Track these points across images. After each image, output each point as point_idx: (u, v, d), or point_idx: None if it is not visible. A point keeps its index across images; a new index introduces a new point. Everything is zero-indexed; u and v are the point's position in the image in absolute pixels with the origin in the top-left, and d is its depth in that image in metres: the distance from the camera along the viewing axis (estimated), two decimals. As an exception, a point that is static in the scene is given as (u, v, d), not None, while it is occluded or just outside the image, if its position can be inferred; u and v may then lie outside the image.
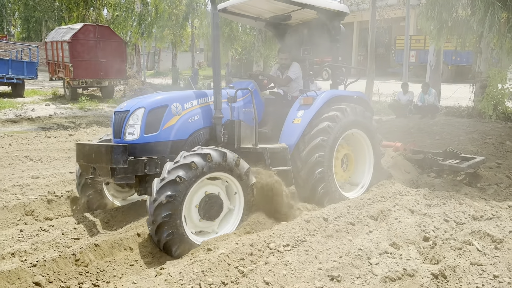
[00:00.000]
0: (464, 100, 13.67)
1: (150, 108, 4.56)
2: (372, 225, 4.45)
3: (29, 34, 53.73)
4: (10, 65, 19.44)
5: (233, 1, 5.73)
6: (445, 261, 3.51)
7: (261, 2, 5.56)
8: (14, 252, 3.74)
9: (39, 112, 15.05)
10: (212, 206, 4.25)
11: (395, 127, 11.69)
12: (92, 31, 18.78)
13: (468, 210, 4.91)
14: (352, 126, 5.59)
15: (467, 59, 23.36)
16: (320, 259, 3.67)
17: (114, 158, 4.18)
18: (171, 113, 4.65)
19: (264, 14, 6.15)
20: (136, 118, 4.52)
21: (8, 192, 5.57)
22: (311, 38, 6.25)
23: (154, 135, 4.54)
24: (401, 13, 26.68)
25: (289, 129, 5.37)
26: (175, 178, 3.89)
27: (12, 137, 9.96)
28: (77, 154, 4.80)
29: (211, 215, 4.27)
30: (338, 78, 6.15)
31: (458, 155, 6.89)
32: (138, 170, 4.40)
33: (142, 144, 4.49)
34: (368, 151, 5.90)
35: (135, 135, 4.49)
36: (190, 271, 3.36)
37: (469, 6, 11.49)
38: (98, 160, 4.39)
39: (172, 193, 3.86)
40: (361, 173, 5.95)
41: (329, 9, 5.70)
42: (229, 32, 19.47)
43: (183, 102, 4.80)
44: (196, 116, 4.85)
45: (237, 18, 6.41)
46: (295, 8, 5.71)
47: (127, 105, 4.75)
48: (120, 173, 4.27)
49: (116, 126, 4.67)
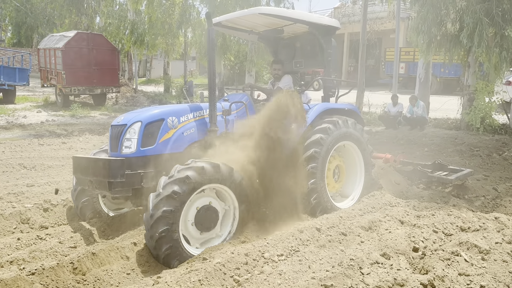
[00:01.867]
0: (453, 112, 13.94)
1: (147, 122, 4.67)
2: (363, 235, 4.56)
3: (20, 40, 53.40)
4: (2, 71, 19.36)
5: (227, 16, 5.88)
6: (434, 271, 3.63)
7: (255, 17, 5.69)
8: (13, 260, 3.79)
9: (30, 119, 15.01)
10: (207, 217, 4.33)
11: (385, 138, 11.89)
12: (85, 39, 18.83)
13: (456, 222, 5.05)
14: (344, 138, 5.70)
15: (456, 71, 23.80)
16: (313, 269, 3.76)
17: (112, 172, 4.28)
18: (167, 126, 4.76)
19: (258, 28, 6.30)
20: (133, 132, 4.62)
21: (3, 200, 5.60)
22: (303, 51, 6.40)
23: (150, 149, 4.64)
24: (391, 26, 27.15)
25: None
26: (170, 193, 3.97)
27: (5, 145, 9.95)
28: (73, 167, 4.86)
29: (209, 226, 4.36)
30: (329, 90, 6.28)
31: (447, 167, 7.03)
32: (135, 183, 4.50)
33: (139, 157, 4.58)
34: (359, 162, 6.03)
35: (132, 149, 4.58)
36: (187, 280, 3.44)
37: (458, 22, 11.81)
38: (95, 174, 4.46)
39: (168, 208, 3.93)
40: (352, 184, 6.06)
41: (320, 24, 5.85)
42: (222, 41, 19.60)
43: (179, 115, 4.91)
44: (191, 129, 4.97)
45: (231, 31, 6.57)
46: (287, 23, 5.86)
47: (124, 119, 4.84)
48: (117, 186, 4.36)
49: (113, 140, 4.75)
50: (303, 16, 5.75)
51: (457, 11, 11.70)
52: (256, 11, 5.38)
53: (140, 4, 24.09)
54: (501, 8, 10.54)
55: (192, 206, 4.25)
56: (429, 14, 11.24)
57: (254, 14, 5.48)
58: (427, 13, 11.31)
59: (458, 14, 11.72)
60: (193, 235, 4.30)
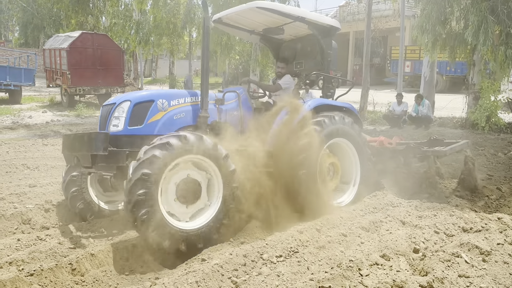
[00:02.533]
0: (458, 110, 13.83)
1: (136, 102, 4.71)
2: (364, 236, 4.53)
3: (27, 40, 53.77)
4: (8, 71, 19.51)
5: (226, 12, 5.90)
6: (433, 273, 3.60)
7: (254, 14, 5.68)
8: (12, 261, 3.80)
9: (36, 119, 15.10)
10: (191, 190, 4.32)
11: (389, 137, 11.81)
12: (90, 39, 18.92)
13: (458, 222, 5.00)
14: (338, 134, 5.57)
15: (462, 69, 23.62)
16: (312, 270, 3.74)
17: (95, 145, 4.30)
18: (156, 108, 4.79)
19: (258, 27, 6.28)
20: (121, 111, 4.68)
21: (5, 200, 5.63)
22: (303, 53, 6.38)
23: (138, 128, 4.68)
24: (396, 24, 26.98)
25: (274, 133, 5.41)
26: (150, 156, 3.97)
27: (10, 145, 10.02)
28: (62, 145, 4.96)
29: (187, 198, 4.32)
30: (328, 91, 6.21)
31: (443, 142, 6.92)
32: (120, 160, 4.50)
33: (126, 136, 4.61)
34: (355, 164, 5.85)
35: (119, 127, 4.64)
36: (184, 281, 3.43)
37: (463, 20, 11.72)
38: (80, 148, 4.53)
39: (147, 171, 3.91)
40: (347, 183, 5.90)
41: (320, 23, 5.80)
42: (227, 40, 19.60)
43: (170, 99, 4.93)
44: (182, 114, 4.97)
45: (233, 30, 6.55)
46: (287, 21, 5.82)
47: (114, 99, 4.93)
48: (100, 161, 4.38)
49: (102, 119, 4.84)
50: (301, 12, 5.70)
51: (462, 9, 11.61)
52: (254, 5, 5.35)
53: (145, 4, 24.20)
54: (506, 6, 10.44)
55: (183, 171, 4.27)
56: (434, 12, 11.16)
57: (252, 10, 5.45)
58: (431, 11, 11.24)
59: (462, 12, 11.64)
60: (179, 210, 4.28)
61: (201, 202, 4.44)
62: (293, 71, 6.56)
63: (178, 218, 4.30)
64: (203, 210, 4.46)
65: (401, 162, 6.71)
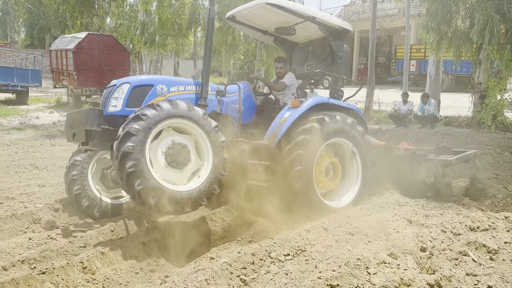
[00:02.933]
0: (464, 109, 13.80)
1: (135, 84, 4.79)
2: (371, 235, 4.56)
3: (32, 41, 54.14)
4: (15, 72, 19.65)
5: (238, 8, 5.92)
6: (441, 271, 3.62)
7: (265, 12, 5.66)
8: (24, 259, 3.86)
9: (43, 120, 15.21)
10: (179, 154, 4.38)
11: (395, 136, 11.82)
12: (96, 40, 19.03)
13: (465, 221, 5.02)
14: (339, 134, 5.44)
15: (467, 68, 23.53)
16: (319, 269, 3.77)
17: (89, 120, 4.43)
18: (155, 92, 4.84)
19: (271, 26, 6.28)
20: (120, 92, 4.76)
21: (15, 200, 5.70)
22: (314, 54, 6.37)
23: (135, 110, 4.60)
24: (402, 23, 26.94)
25: (274, 128, 5.38)
26: (128, 130, 4.07)
27: (18, 145, 10.11)
28: (65, 123, 5.11)
29: (178, 162, 4.38)
30: (336, 92, 6.10)
31: (451, 150, 6.71)
32: (114, 139, 4.49)
33: (123, 116, 4.62)
34: (357, 166, 5.71)
35: (117, 108, 4.72)
36: (194, 279, 3.47)
37: (468, 18, 11.70)
38: (77, 125, 4.64)
39: (129, 144, 4.01)
40: (348, 184, 5.76)
41: (331, 24, 5.72)
42: (232, 40, 19.65)
43: (170, 85, 4.97)
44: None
45: (246, 29, 6.55)
46: (298, 21, 5.80)
47: (115, 81, 5.00)
48: (95, 137, 4.49)
49: (103, 99, 4.93)
50: (312, 12, 5.62)
51: (467, 8, 11.59)
52: (263, 1, 5.32)
53: (150, 5, 24.27)
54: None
55: (167, 138, 4.37)
56: (439, 11, 11.15)
57: (262, 6, 5.44)
58: (436, 10, 11.23)
59: (468, 11, 11.62)
60: (174, 176, 4.34)
61: (194, 164, 4.51)
62: (302, 73, 6.54)
63: (176, 183, 4.37)
64: (198, 170, 4.53)
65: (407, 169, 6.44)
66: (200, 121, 4.45)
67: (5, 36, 59.48)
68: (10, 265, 3.76)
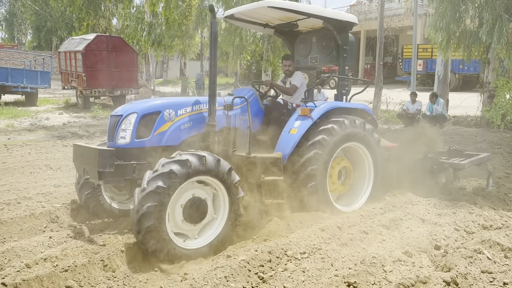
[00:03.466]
0: (472, 109, 13.79)
1: (142, 114, 4.70)
2: (384, 233, 4.61)
3: (39, 43, 54.56)
4: (25, 74, 19.86)
5: (238, 9, 5.82)
6: (456, 269, 3.67)
7: (266, 10, 5.52)
8: (46, 257, 3.94)
9: (53, 121, 15.36)
10: (197, 209, 4.31)
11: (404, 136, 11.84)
12: (105, 42, 19.18)
13: (478, 220, 5.07)
14: (350, 139, 5.48)
15: (475, 68, 23.47)
16: (336, 266, 3.83)
17: (101, 162, 4.35)
18: (163, 119, 4.77)
19: (272, 21, 6.16)
20: (128, 123, 4.67)
21: (33, 200, 5.80)
22: (318, 47, 6.20)
23: (145, 140, 4.67)
24: (409, 22, 26.91)
25: (285, 139, 5.33)
26: (168, 171, 3.98)
27: (31, 146, 10.24)
28: (73, 154, 5.01)
29: (195, 217, 4.31)
30: (343, 88, 6.05)
31: (463, 153, 6.70)
32: (127, 174, 4.55)
33: (133, 148, 4.61)
34: (369, 166, 5.77)
35: (127, 140, 4.63)
36: (213, 276, 3.55)
37: (477, 18, 11.70)
38: (88, 162, 4.56)
39: (162, 184, 3.94)
40: (360, 188, 5.82)
41: (335, 19, 5.64)
42: (239, 42, 19.73)
43: (177, 108, 4.89)
44: (189, 123, 4.94)
45: (245, 24, 6.42)
46: (301, 17, 5.70)
47: (122, 109, 4.90)
48: (107, 176, 4.44)
49: (111, 130, 4.82)
50: (314, 9, 5.57)
51: (476, 7, 11.59)
52: (265, 4, 5.24)
53: (157, 6, 24.40)
54: (522, 4, 10.41)
55: (189, 192, 4.26)
56: (448, 10, 11.16)
57: (264, 8, 5.35)
58: (445, 9, 11.23)
59: (477, 10, 11.62)
60: (176, 218, 4.25)
61: (209, 216, 4.45)
62: (306, 66, 6.46)
63: (187, 235, 4.35)
64: (212, 222, 4.48)
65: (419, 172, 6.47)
66: (224, 177, 4.36)
67: (12, 38, 59.98)
68: (33, 263, 3.84)
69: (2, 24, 59.82)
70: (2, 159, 8.83)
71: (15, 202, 5.68)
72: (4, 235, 4.80)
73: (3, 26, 59.98)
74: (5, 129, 13.24)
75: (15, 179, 7.31)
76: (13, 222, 5.03)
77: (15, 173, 7.71)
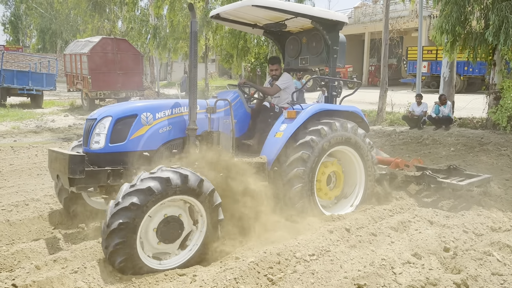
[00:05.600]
0: (478, 111, 13.74)
1: (117, 117, 4.51)
2: (393, 236, 4.60)
3: (44, 45, 54.90)
4: (30, 76, 19.98)
5: (222, 8, 5.68)
6: (466, 271, 3.66)
7: (253, 10, 5.33)
8: (56, 259, 3.96)
9: (58, 123, 15.43)
10: (172, 229, 4.01)
11: (409, 138, 11.83)
12: (110, 44, 19.29)
13: (487, 222, 5.05)
14: (339, 143, 5.30)
15: (480, 69, 23.38)
16: (345, 269, 3.83)
17: (71, 168, 4.16)
18: (140, 122, 4.57)
19: (260, 20, 5.97)
20: (102, 127, 4.47)
21: (41, 201, 5.82)
22: (308, 48, 6.03)
23: (120, 145, 4.48)
24: (413, 24, 26.86)
25: (270, 143, 5.13)
26: (146, 188, 3.72)
27: (37, 148, 10.29)
28: (48, 160, 4.82)
29: (170, 238, 4.02)
30: (334, 90, 5.85)
31: (462, 173, 6.37)
32: (101, 180, 4.35)
33: (107, 153, 4.43)
34: (359, 170, 5.60)
35: (101, 144, 4.43)
36: (223, 278, 3.55)
37: (483, 19, 11.66)
38: (60, 168, 4.39)
39: (125, 220, 3.64)
40: (350, 193, 5.68)
41: (324, 18, 5.46)
42: (243, 44, 19.76)
43: (155, 111, 4.69)
44: (168, 127, 4.75)
45: (233, 25, 6.22)
46: (289, 17, 5.52)
47: (97, 112, 4.71)
48: (79, 182, 4.24)
49: (85, 134, 4.63)
50: (301, 8, 5.40)
51: (482, 9, 11.56)
52: (249, 2, 5.05)
53: (161, 9, 24.47)
54: (528, 5, 10.37)
55: (160, 212, 3.93)
56: (453, 12, 11.12)
57: (248, 7, 5.16)
58: (451, 11, 11.19)
59: (483, 11, 11.58)
60: (151, 242, 3.95)
61: (187, 229, 4.14)
62: (296, 67, 6.30)
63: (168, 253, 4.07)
64: (191, 235, 4.19)
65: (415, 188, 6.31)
66: (206, 199, 4.05)
67: (17, 41, 60.34)
68: (43, 264, 3.85)
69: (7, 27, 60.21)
70: (9, 161, 8.88)
71: (23, 204, 5.71)
72: (13, 236, 4.83)
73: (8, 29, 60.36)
74: (11, 131, 13.32)
75: (23, 181, 7.36)
76: (22, 223, 5.07)
77: (23, 175, 7.76)
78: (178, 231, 4.05)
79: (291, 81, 5.95)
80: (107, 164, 4.43)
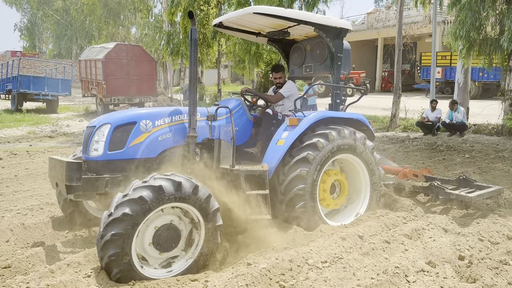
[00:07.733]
0: (493, 117, 13.56)
1: (116, 125, 4.49)
2: (407, 243, 4.54)
3: (60, 51, 55.83)
4: (46, 82, 20.31)
5: (226, 16, 5.64)
6: (482, 280, 3.60)
7: (255, 18, 5.27)
8: (69, 263, 3.99)
9: (73, 128, 15.63)
10: (169, 237, 3.97)
11: (423, 144, 11.72)
12: (125, 50, 19.54)
13: (502, 230, 4.96)
14: (341, 151, 5.16)
15: (495, 75, 23.12)
16: (358, 276, 3.79)
17: (68, 175, 4.14)
18: (139, 130, 4.54)
19: (263, 29, 5.94)
20: (101, 134, 4.45)
21: (55, 206, 5.89)
22: (312, 55, 5.99)
23: (119, 152, 4.45)
24: (427, 30, 26.70)
25: (272, 150, 5.04)
26: (137, 198, 3.69)
27: (53, 153, 10.42)
28: (48, 168, 4.81)
29: (167, 247, 3.99)
30: (338, 97, 5.74)
31: (473, 184, 6.14)
32: (99, 188, 4.32)
33: (106, 161, 4.41)
34: (364, 179, 5.47)
35: (99, 152, 4.41)
36: (234, 284, 3.54)
37: (498, 25, 11.54)
38: (58, 176, 4.38)
39: (118, 231, 3.61)
40: (355, 203, 5.56)
41: (327, 25, 5.39)
42: (256, 50, 19.81)
43: (154, 119, 4.66)
44: (168, 134, 4.71)
45: (237, 33, 6.20)
46: (291, 24, 5.45)
47: (96, 120, 4.72)
48: (76, 190, 4.22)
49: (85, 141, 4.62)
50: (303, 16, 5.31)
51: (497, 15, 11.44)
52: (250, 10, 5.04)
53: (175, 16, 24.69)
54: (544, 11, 10.24)
55: (150, 226, 3.90)
56: (468, 18, 11.02)
57: (250, 15, 5.13)
58: (465, 17, 11.10)
59: (498, 17, 11.47)
60: (151, 255, 3.95)
61: (177, 250, 4.09)
62: (301, 76, 6.26)
63: (148, 261, 4.00)
64: (177, 258, 4.12)
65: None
66: (202, 205, 4.00)
67: (33, 47, 61.48)
68: (56, 268, 3.89)
69: (24, 33, 61.40)
70: (25, 165, 9.01)
71: (38, 208, 5.78)
72: (28, 240, 4.89)
73: (25, 35, 61.55)
74: (27, 136, 13.53)
75: (38, 185, 7.45)
76: (36, 227, 5.13)
77: (38, 179, 7.86)
78: (175, 239, 4.02)
79: (295, 89, 5.90)
80: (106, 171, 4.41)
